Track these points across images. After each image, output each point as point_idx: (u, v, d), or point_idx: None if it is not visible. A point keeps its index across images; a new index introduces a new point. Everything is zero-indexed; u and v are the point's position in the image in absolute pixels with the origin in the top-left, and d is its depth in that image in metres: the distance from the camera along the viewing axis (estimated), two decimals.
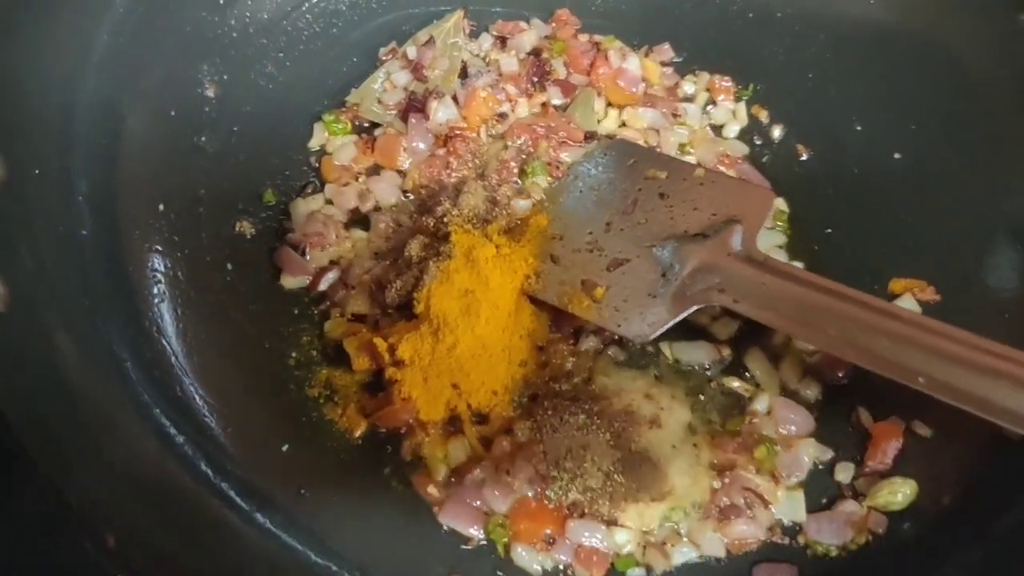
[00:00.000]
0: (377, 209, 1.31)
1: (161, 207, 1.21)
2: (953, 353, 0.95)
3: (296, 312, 1.23)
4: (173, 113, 1.26)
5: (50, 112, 1.05)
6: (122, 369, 1.06)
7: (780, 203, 1.32)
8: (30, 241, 0.99)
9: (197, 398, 1.12)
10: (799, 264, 1.27)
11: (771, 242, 1.30)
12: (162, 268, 1.18)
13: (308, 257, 1.26)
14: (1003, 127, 1.24)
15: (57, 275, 1.02)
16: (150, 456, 1.01)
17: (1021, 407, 0.89)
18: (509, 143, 1.35)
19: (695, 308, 1.11)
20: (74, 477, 0.91)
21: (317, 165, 1.34)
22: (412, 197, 1.33)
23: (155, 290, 1.16)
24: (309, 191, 1.31)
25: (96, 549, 0.81)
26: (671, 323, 1.11)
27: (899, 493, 1.08)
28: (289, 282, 1.24)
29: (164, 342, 1.13)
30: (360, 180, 1.33)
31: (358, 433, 1.15)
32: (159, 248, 1.19)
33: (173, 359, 1.13)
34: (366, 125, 1.38)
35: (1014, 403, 0.89)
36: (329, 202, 1.31)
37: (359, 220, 1.30)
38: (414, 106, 1.36)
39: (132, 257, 1.15)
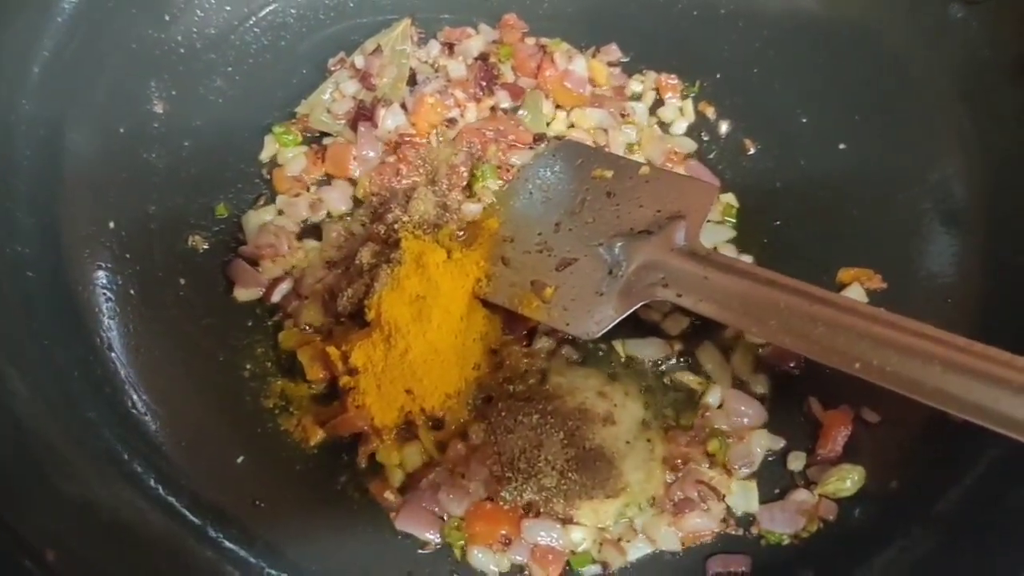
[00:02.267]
0: (329, 218, 1.32)
1: (111, 224, 1.21)
2: (885, 337, 0.97)
3: (250, 324, 1.23)
4: (121, 130, 1.26)
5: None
6: (68, 389, 1.06)
7: (730, 198, 1.33)
8: None
9: (148, 413, 1.12)
10: (749, 258, 1.29)
11: (720, 237, 1.32)
12: (112, 285, 1.18)
13: (261, 269, 1.26)
14: (935, 116, 1.27)
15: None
16: (102, 480, 1.02)
17: (951, 388, 0.91)
18: (459, 148, 1.36)
19: (641, 304, 1.13)
20: (16, 498, 0.91)
21: (269, 177, 1.35)
22: (364, 205, 1.33)
23: (105, 307, 1.16)
24: (261, 203, 1.32)
25: (36, 565, 0.81)
26: (617, 319, 1.13)
27: (848, 479, 1.09)
28: (242, 295, 1.25)
29: (115, 359, 1.14)
30: (311, 190, 1.34)
31: (313, 442, 1.15)
32: (109, 265, 1.19)
33: (124, 374, 1.13)
34: (316, 135, 1.38)
35: (945, 384, 0.91)
36: (281, 213, 1.32)
37: (311, 230, 1.31)
38: (363, 115, 1.37)
39: (80, 275, 1.15)
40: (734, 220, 1.33)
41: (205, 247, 1.27)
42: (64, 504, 0.95)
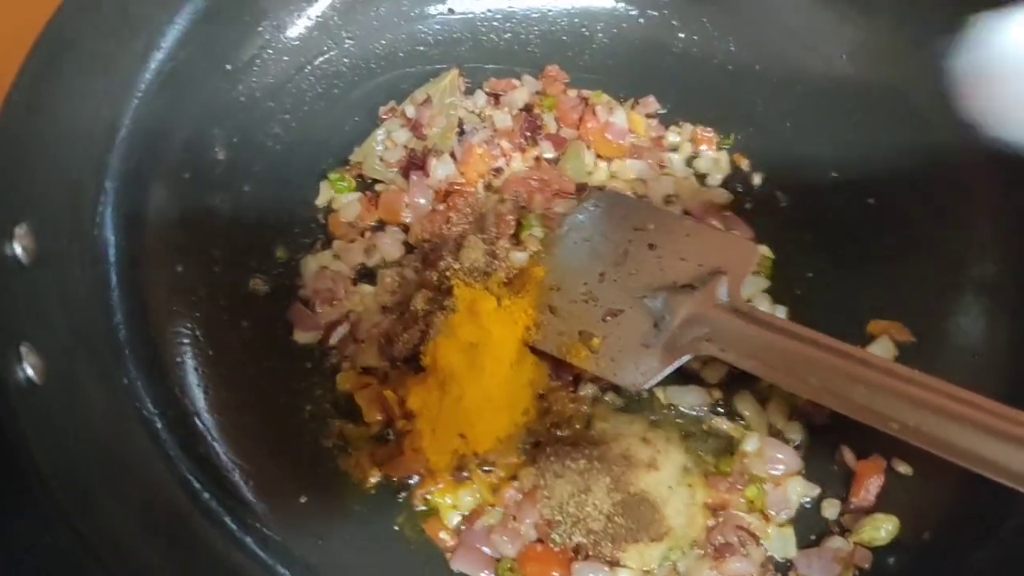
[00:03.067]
0: (383, 264, 1.37)
1: (179, 268, 1.27)
2: (922, 400, 1.03)
3: (309, 366, 1.28)
4: (187, 176, 1.32)
5: (83, 188, 1.11)
6: (153, 430, 1.11)
7: (764, 250, 1.39)
8: (64, 313, 1.05)
9: (221, 455, 1.17)
10: (782, 308, 1.34)
11: (755, 288, 1.37)
12: (182, 329, 1.23)
13: (319, 312, 1.31)
14: (966, 180, 1.33)
15: (90, 344, 1.07)
16: (179, 513, 1.07)
17: (983, 451, 0.97)
18: (505, 197, 1.41)
19: (687, 358, 1.19)
20: (99, 521, 0.96)
21: (324, 221, 1.40)
22: (415, 251, 1.38)
23: (177, 351, 1.22)
24: (318, 247, 1.37)
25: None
26: (664, 373, 1.19)
27: (882, 529, 1.15)
28: (302, 337, 1.30)
29: (188, 401, 1.19)
30: (366, 236, 1.39)
31: (371, 483, 1.20)
32: (177, 309, 1.25)
33: (196, 418, 1.18)
34: (370, 182, 1.44)
35: (976, 447, 0.97)
36: (337, 258, 1.37)
37: (366, 275, 1.36)
38: (414, 163, 1.42)
39: (156, 320, 1.20)
40: (768, 271, 1.38)
41: (266, 290, 1.33)
42: (151, 541, 1.00)
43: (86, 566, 0.91)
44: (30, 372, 0.93)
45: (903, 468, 1.19)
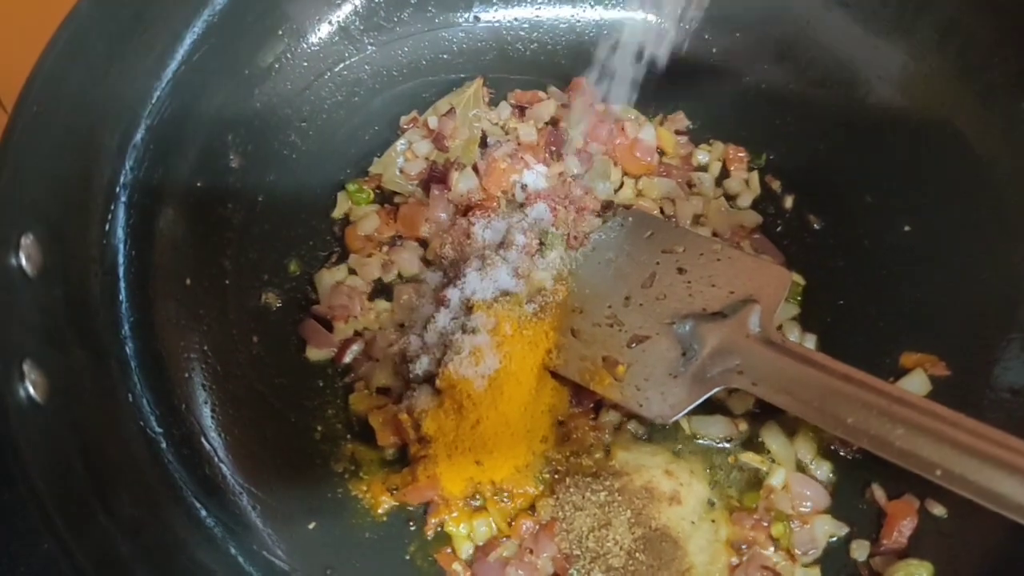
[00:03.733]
0: (400, 280, 1.33)
1: (188, 281, 1.22)
2: (968, 446, 0.98)
3: (321, 385, 1.25)
4: (199, 184, 1.27)
5: (93, 197, 1.07)
6: (157, 450, 1.07)
7: (795, 276, 1.34)
8: (70, 327, 1.01)
9: (227, 476, 1.13)
10: (812, 337, 1.30)
11: (784, 314, 1.32)
12: (190, 344, 1.19)
13: (333, 329, 1.27)
14: (1006, 209, 1.27)
15: (95, 360, 1.03)
16: (180, 539, 1.03)
17: None
18: (528, 213, 1.37)
19: (716, 390, 1.14)
20: (84, 530, 0.92)
21: (340, 234, 1.36)
22: (433, 268, 1.34)
23: (185, 367, 1.17)
24: (333, 261, 1.33)
25: None
26: (693, 405, 1.14)
27: (916, 575, 1.10)
28: (315, 354, 1.26)
29: (193, 419, 1.15)
30: (383, 250, 1.35)
31: (383, 509, 1.16)
32: (185, 323, 1.21)
33: (202, 437, 1.14)
34: (388, 194, 1.39)
35: None
36: (353, 272, 1.33)
37: (382, 290, 1.32)
38: (436, 177, 1.38)
39: (163, 335, 1.16)
40: (799, 298, 1.34)
41: (278, 304, 1.29)
42: (139, 554, 0.96)
43: None
44: (32, 390, 0.89)
45: (938, 510, 1.14)
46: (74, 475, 0.90)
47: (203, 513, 1.08)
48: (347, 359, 1.26)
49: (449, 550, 1.15)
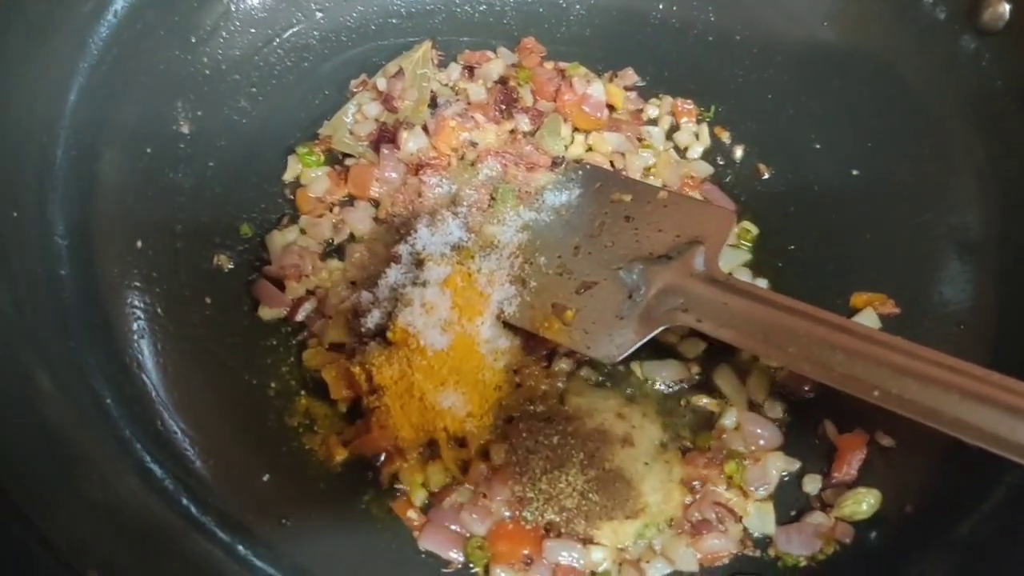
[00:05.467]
0: (352, 239, 1.34)
1: (139, 244, 1.23)
2: (904, 366, 0.99)
3: (275, 343, 1.25)
4: (149, 150, 1.28)
5: (27, 154, 1.08)
6: (102, 405, 1.08)
7: (748, 224, 1.36)
8: (9, 283, 1.01)
9: (178, 432, 1.14)
10: (764, 282, 1.31)
11: (736, 260, 1.34)
12: (141, 304, 1.20)
13: (285, 289, 1.28)
14: (948, 144, 1.29)
15: (36, 316, 1.04)
16: (132, 493, 1.03)
17: (969, 417, 0.93)
18: (479, 171, 1.38)
19: (661, 329, 1.15)
20: (55, 516, 0.92)
21: (292, 197, 1.36)
22: (385, 226, 1.35)
23: (135, 326, 1.18)
24: (284, 223, 1.33)
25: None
26: (638, 344, 1.15)
27: (863, 503, 1.11)
28: (267, 313, 1.27)
29: (144, 377, 1.15)
30: (334, 211, 1.36)
31: (338, 461, 1.17)
32: (137, 284, 1.21)
33: (154, 394, 1.15)
34: (339, 156, 1.40)
35: (964, 414, 0.93)
36: (304, 233, 1.33)
37: (334, 250, 1.33)
38: (385, 137, 1.39)
39: (110, 294, 1.16)
40: (750, 244, 1.35)
41: (230, 267, 1.29)
42: (93, 510, 0.97)
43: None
44: None
45: (886, 441, 1.16)
46: (25, 445, 0.91)
47: (156, 469, 1.08)
48: (300, 317, 1.26)
49: (404, 498, 1.15)
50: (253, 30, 1.42)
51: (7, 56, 1.04)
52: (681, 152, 1.45)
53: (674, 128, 1.47)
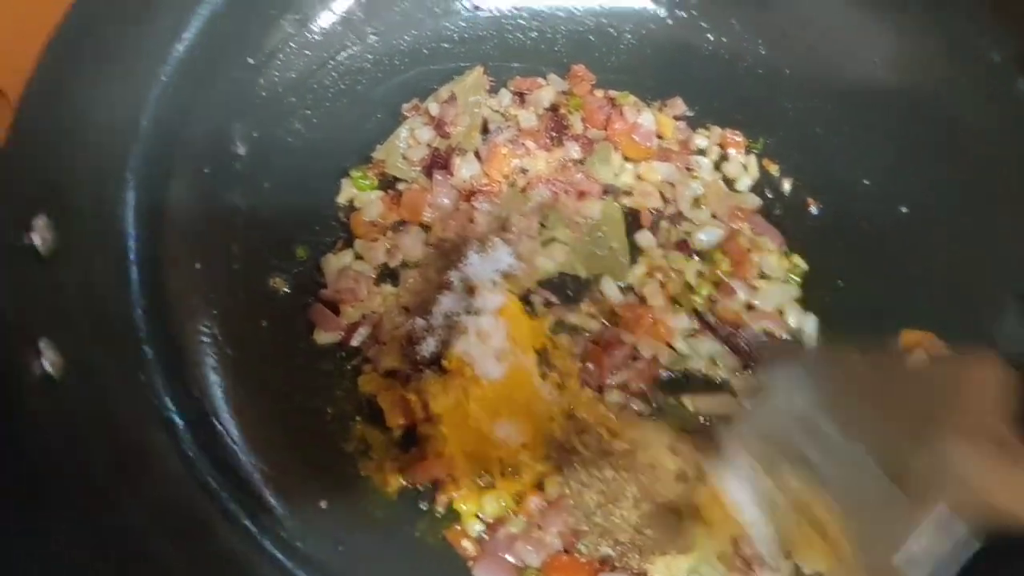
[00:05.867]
0: (405, 264, 1.35)
1: (198, 265, 1.24)
2: None
3: (330, 367, 1.25)
4: (206, 171, 1.29)
5: (103, 182, 1.09)
6: (172, 430, 1.08)
7: (797, 259, 1.37)
8: (84, 308, 1.02)
9: (240, 457, 1.14)
10: (812, 317, 1.32)
11: (786, 296, 1.34)
12: (201, 328, 1.21)
13: (340, 313, 1.28)
14: (1001, 186, 1.30)
15: (109, 341, 1.04)
16: (199, 514, 1.04)
17: None
18: (529, 198, 1.38)
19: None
20: (123, 536, 0.93)
21: (346, 220, 1.37)
22: (437, 252, 1.35)
23: (197, 350, 1.19)
24: (339, 246, 1.34)
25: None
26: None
27: None
28: (322, 338, 1.27)
29: (206, 402, 1.16)
30: (387, 235, 1.36)
31: (392, 488, 1.17)
32: (196, 307, 1.22)
33: (215, 418, 1.15)
34: (391, 180, 1.41)
35: None
36: (359, 257, 1.34)
37: (388, 274, 1.33)
38: (438, 162, 1.40)
39: (175, 318, 1.17)
40: (799, 280, 1.35)
41: (286, 289, 1.30)
42: (161, 529, 0.98)
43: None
44: (48, 368, 0.90)
45: None
46: (94, 454, 0.91)
47: (218, 489, 1.09)
48: (355, 342, 1.27)
49: (458, 527, 1.16)
50: (308, 53, 1.43)
51: (82, 82, 1.04)
52: (729, 183, 1.46)
53: (722, 159, 1.48)
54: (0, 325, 0.85)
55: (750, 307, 1.34)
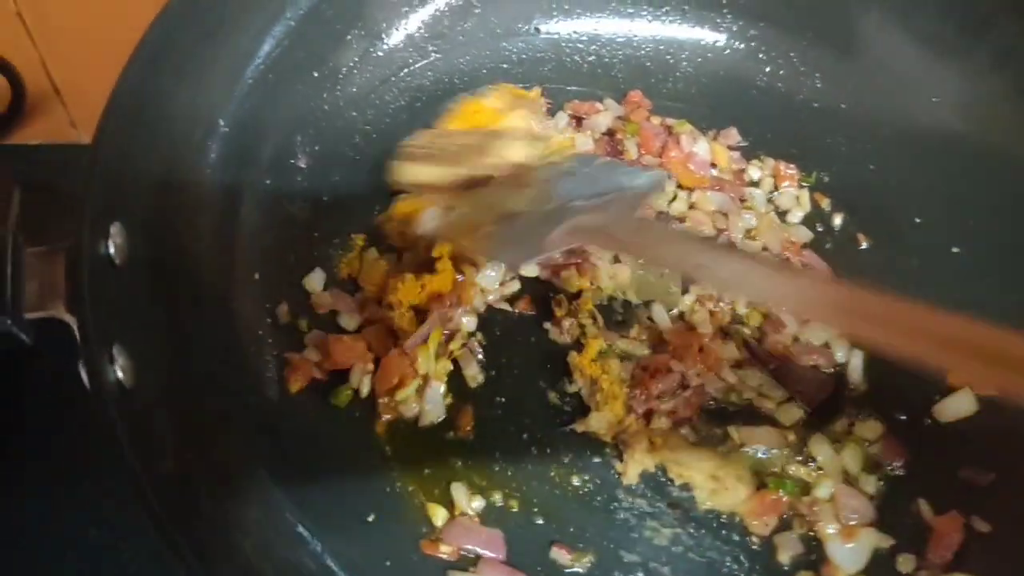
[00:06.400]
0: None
1: (257, 276, 1.26)
2: None
3: None
4: (268, 182, 1.31)
5: (175, 193, 1.11)
6: (237, 436, 1.11)
7: None
8: (155, 317, 1.04)
9: (296, 464, 1.16)
10: (859, 353, 1.32)
11: (833, 331, 1.34)
12: (256, 336, 1.22)
13: None
14: None
15: (179, 350, 1.07)
16: (269, 527, 1.06)
17: None
18: None
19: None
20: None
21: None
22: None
23: (253, 359, 1.21)
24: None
25: None
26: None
27: None
28: None
29: (266, 407, 1.18)
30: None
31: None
32: (254, 316, 1.24)
33: (274, 424, 1.17)
34: None
35: None
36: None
37: None
38: None
39: (238, 328, 1.19)
40: None
41: None
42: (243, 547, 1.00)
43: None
44: (120, 374, 0.92)
45: (983, 527, 1.16)
46: (169, 460, 0.93)
47: (275, 499, 1.11)
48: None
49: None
50: (372, 69, 1.45)
51: (165, 90, 1.07)
52: (781, 216, 1.47)
53: (775, 191, 1.49)
54: (84, 332, 0.86)
55: (796, 339, 1.34)
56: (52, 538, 1.18)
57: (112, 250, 0.99)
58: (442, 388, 1.25)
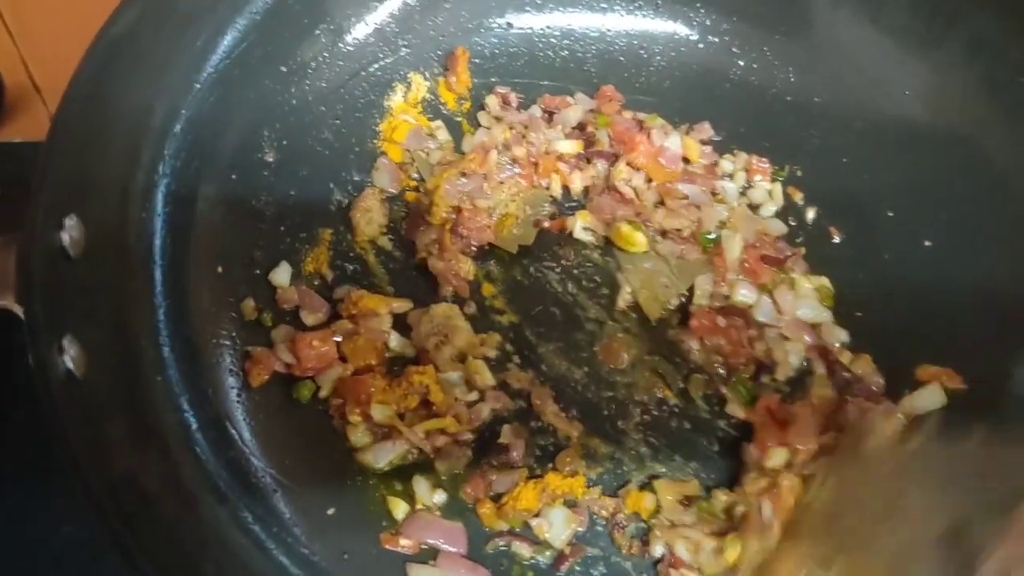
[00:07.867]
0: None
1: (220, 269, 1.25)
2: None
3: None
4: (234, 177, 1.30)
5: (133, 184, 1.11)
6: (185, 430, 1.10)
7: (824, 281, 1.37)
8: (108, 308, 1.04)
9: (251, 459, 1.15)
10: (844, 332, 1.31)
11: (821, 316, 1.34)
12: (218, 330, 1.22)
13: None
14: None
15: (130, 341, 1.06)
16: (208, 519, 1.06)
17: None
18: None
19: None
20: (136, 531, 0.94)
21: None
22: None
23: (212, 352, 1.20)
24: None
25: None
26: None
27: None
28: None
29: (219, 403, 1.17)
30: None
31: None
32: (215, 311, 1.23)
33: (227, 420, 1.17)
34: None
35: None
36: None
37: None
38: None
39: (194, 321, 1.19)
40: (830, 302, 1.35)
41: None
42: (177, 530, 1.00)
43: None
44: (70, 365, 0.91)
45: None
46: (112, 450, 0.93)
47: (229, 495, 1.10)
48: None
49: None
50: (341, 63, 1.44)
51: (123, 83, 1.07)
52: (754, 209, 1.46)
53: (748, 186, 1.48)
54: (32, 322, 0.86)
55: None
56: (26, 535, 1.18)
57: (67, 242, 0.99)
58: None
